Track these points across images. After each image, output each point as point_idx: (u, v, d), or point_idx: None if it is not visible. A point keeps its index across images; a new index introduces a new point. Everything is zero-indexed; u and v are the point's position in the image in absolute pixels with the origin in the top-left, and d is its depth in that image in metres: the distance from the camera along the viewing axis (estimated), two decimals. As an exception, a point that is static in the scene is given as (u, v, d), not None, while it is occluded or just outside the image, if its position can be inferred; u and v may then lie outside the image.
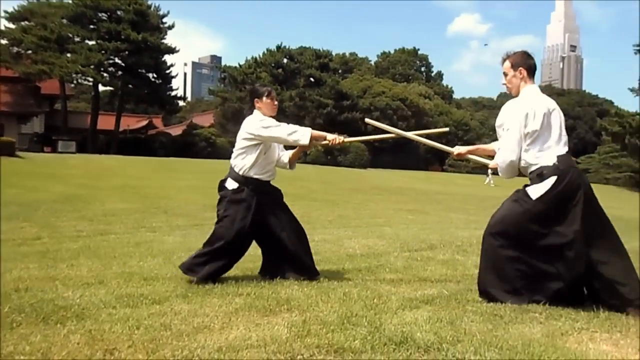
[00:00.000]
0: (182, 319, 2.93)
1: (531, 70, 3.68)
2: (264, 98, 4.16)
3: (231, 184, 4.07)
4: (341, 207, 13.62)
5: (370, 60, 79.52)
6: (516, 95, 3.69)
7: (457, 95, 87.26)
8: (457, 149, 4.09)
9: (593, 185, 3.68)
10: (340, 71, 70.41)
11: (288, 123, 4.13)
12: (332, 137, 4.13)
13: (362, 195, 19.10)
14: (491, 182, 40.50)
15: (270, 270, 4.21)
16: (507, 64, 3.72)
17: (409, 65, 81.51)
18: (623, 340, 2.78)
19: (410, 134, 4.40)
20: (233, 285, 3.77)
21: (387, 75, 73.69)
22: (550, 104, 3.59)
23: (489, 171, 45.03)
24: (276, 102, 4.26)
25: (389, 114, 58.82)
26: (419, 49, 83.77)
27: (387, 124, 4.01)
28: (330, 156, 44.58)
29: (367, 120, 4.75)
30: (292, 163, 4.36)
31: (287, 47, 58.98)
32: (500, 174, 3.71)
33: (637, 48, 19.83)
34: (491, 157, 4.05)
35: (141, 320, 2.87)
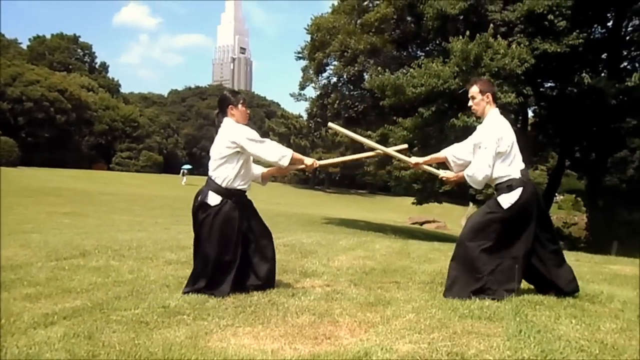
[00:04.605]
0: None
1: (494, 95, 4.14)
2: (240, 106, 4.09)
3: (213, 199, 3.91)
4: (-21, 213, 11.48)
5: (21, 43, 69.93)
6: (481, 115, 4.16)
7: (125, 90, 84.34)
8: (415, 159, 4.50)
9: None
10: (-19, 52, 59.68)
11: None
12: (310, 162, 4.14)
13: (9, 198, 16.63)
14: (184, 181, 41.62)
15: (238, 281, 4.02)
16: (476, 89, 4.10)
17: (69, 53, 75.13)
18: (264, 331, 3.00)
19: (373, 144, 4.68)
20: None
21: (43, 63, 66.14)
22: (508, 124, 4.08)
23: (184, 170, 46.43)
24: (248, 110, 4.21)
25: (45, 106, 52.73)
26: (79, 36, 78.52)
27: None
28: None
29: (330, 124, 5.10)
30: (265, 179, 4.34)
31: None
32: (472, 184, 4.05)
33: (298, 55, 23.07)
34: (443, 164, 4.48)
35: None
